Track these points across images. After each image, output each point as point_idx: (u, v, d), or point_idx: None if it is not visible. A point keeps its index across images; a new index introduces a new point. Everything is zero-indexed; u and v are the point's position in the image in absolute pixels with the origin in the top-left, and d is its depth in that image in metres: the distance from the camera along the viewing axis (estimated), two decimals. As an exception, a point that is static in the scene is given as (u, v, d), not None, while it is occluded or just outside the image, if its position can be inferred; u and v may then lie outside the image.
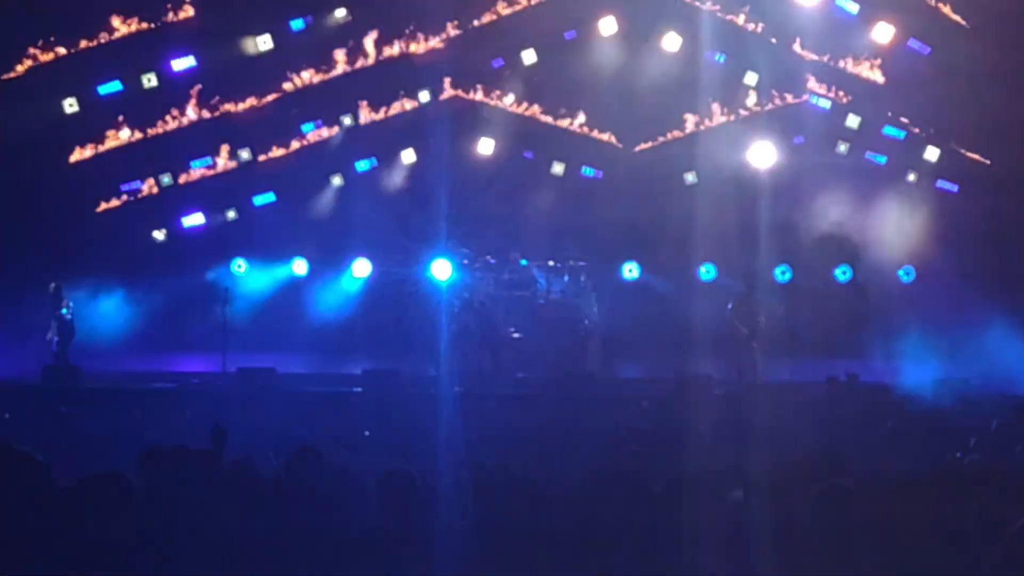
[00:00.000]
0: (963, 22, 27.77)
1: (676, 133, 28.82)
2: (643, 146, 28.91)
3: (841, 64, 28.38)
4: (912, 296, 26.97)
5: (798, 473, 9.32)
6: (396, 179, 29.15)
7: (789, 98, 28.62)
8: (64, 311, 24.80)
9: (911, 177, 28.20)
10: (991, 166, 27.90)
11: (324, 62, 28.65)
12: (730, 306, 24.24)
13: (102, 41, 28.39)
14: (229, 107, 28.69)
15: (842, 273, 28.04)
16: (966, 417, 17.01)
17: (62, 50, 28.32)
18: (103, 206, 28.73)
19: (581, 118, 28.91)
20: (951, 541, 8.36)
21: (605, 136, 28.97)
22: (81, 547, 8.04)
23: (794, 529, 8.56)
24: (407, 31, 28.69)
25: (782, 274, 28.14)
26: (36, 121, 27.83)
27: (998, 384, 21.52)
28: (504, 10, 28.67)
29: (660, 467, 10.47)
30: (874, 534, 8.45)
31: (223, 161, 28.86)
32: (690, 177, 28.54)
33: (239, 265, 27.98)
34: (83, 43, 28.28)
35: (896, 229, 27.43)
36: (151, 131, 28.60)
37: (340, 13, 28.44)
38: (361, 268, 27.98)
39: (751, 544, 8.52)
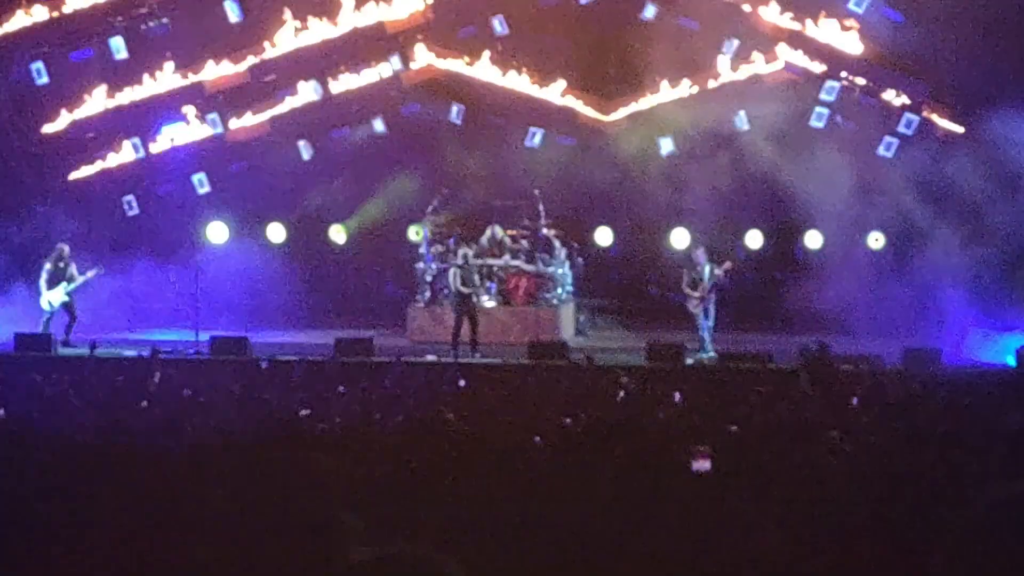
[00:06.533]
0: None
1: (652, 101, 28.76)
2: (619, 114, 28.86)
3: (816, 32, 28.29)
4: (881, 263, 27.01)
5: (768, 441, 9.35)
6: (368, 146, 29.15)
7: (764, 65, 28.50)
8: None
9: (885, 145, 28.07)
10: (965, 134, 27.83)
11: (297, 30, 28.52)
12: (684, 276, 24.27)
13: (71, 8, 28.24)
14: (202, 73, 28.56)
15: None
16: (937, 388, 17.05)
17: (33, 17, 28.17)
18: (75, 175, 28.68)
19: (558, 85, 28.84)
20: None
21: (581, 104, 28.92)
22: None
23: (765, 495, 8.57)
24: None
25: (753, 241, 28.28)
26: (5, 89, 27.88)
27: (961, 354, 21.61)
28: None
29: (626, 433, 10.45)
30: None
31: (196, 128, 28.76)
32: (665, 144, 28.48)
33: None
34: (54, 10, 28.16)
35: (867, 196, 27.32)
36: (123, 98, 28.49)
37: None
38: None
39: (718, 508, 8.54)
